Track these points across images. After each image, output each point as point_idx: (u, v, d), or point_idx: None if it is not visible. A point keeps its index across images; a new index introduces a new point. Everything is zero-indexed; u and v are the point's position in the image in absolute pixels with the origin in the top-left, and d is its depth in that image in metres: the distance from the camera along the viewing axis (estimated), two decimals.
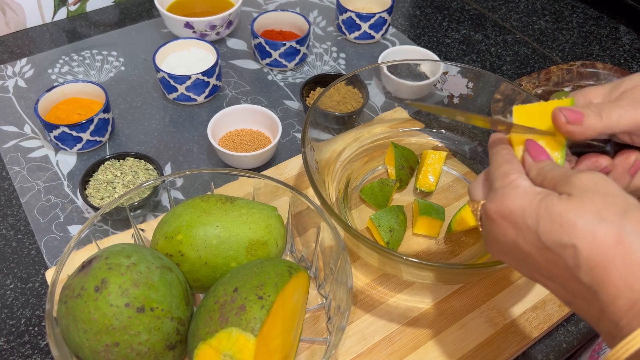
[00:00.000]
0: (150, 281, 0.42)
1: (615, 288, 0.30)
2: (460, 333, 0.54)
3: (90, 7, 0.92)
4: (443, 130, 0.70)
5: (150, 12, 0.93)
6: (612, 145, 0.41)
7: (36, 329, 0.56)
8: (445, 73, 0.66)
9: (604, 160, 0.40)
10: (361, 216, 0.63)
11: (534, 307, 0.56)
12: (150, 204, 0.63)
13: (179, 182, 0.67)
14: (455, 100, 0.67)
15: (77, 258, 0.48)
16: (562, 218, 0.32)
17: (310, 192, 0.64)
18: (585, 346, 0.67)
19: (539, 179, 0.37)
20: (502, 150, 0.40)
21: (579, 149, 0.42)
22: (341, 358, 0.52)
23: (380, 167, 0.68)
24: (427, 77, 0.69)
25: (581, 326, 0.57)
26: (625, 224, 0.31)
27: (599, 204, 0.32)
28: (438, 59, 0.80)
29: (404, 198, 0.65)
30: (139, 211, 0.62)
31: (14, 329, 0.55)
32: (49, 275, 0.57)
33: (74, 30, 0.89)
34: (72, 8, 0.90)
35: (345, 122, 0.68)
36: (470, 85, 0.65)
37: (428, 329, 0.54)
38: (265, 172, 0.67)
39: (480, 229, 0.40)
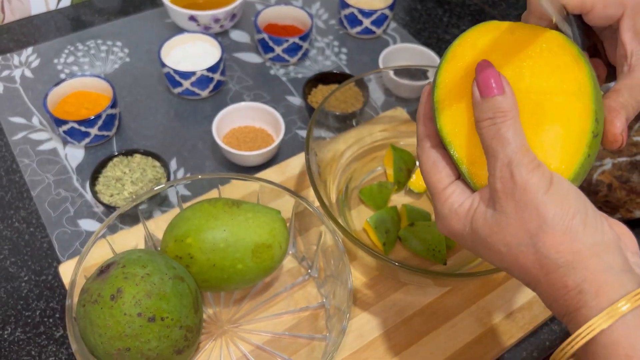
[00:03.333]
0: (162, 292, 0.46)
1: (548, 302, 0.34)
2: (452, 331, 0.58)
3: None
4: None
5: (154, 0, 0.93)
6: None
7: (51, 320, 0.59)
8: None
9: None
10: (360, 216, 0.66)
11: (521, 308, 0.60)
12: (157, 200, 0.66)
13: (186, 180, 0.70)
14: None
15: (90, 252, 0.51)
16: (489, 245, 0.35)
17: (312, 191, 0.67)
18: None
19: (479, 136, 0.35)
20: (423, 142, 0.39)
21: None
22: (340, 353, 0.56)
23: (379, 168, 0.70)
24: (426, 77, 0.71)
25: (564, 325, 0.61)
26: (540, 247, 0.33)
27: (514, 228, 0.33)
28: (439, 60, 0.81)
29: (400, 199, 0.68)
30: (145, 206, 0.65)
31: (29, 320, 0.58)
32: (62, 269, 0.60)
33: (78, 18, 0.90)
34: None
35: (346, 122, 0.70)
36: None
37: (422, 327, 0.58)
38: (268, 171, 0.70)
39: None
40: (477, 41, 0.40)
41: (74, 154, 0.72)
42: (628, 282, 0.31)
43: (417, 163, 0.39)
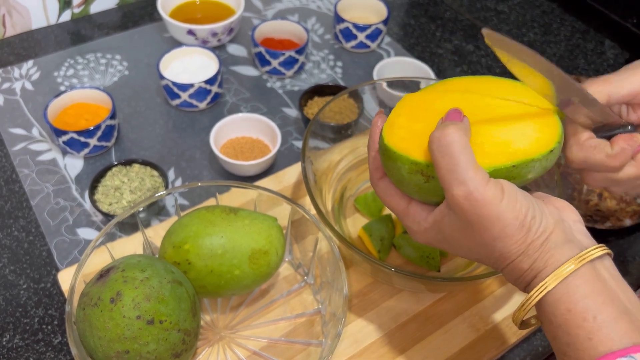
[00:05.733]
0: (161, 295, 0.46)
1: (512, 280, 0.41)
2: (445, 337, 0.59)
3: (93, 9, 0.94)
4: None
5: (152, 15, 0.95)
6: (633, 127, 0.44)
7: (49, 327, 0.59)
8: None
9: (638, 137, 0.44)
10: (355, 224, 0.67)
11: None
12: (155, 208, 0.67)
13: (184, 188, 0.71)
14: None
15: (89, 259, 0.52)
16: (461, 245, 0.41)
17: (308, 200, 0.68)
18: None
19: (429, 148, 0.40)
20: (375, 175, 0.47)
21: (606, 133, 0.44)
22: (336, 359, 0.56)
23: None
24: (419, 89, 0.73)
25: None
26: (501, 247, 0.39)
27: (479, 233, 0.39)
28: (432, 73, 0.83)
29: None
30: (144, 215, 0.66)
31: (28, 327, 0.59)
32: (61, 276, 0.61)
33: (78, 32, 0.91)
34: (77, 10, 0.92)
35: (341, 132, 0.72)
36: None
37: (416, 333, 0.59)
38: (265, 180, 0.71)
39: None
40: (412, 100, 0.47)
41: (73, 164, 0.73)
42: (569, 250, 0.38)
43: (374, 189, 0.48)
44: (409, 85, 0.73)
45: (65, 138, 0.70)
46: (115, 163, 0.69)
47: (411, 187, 0.43)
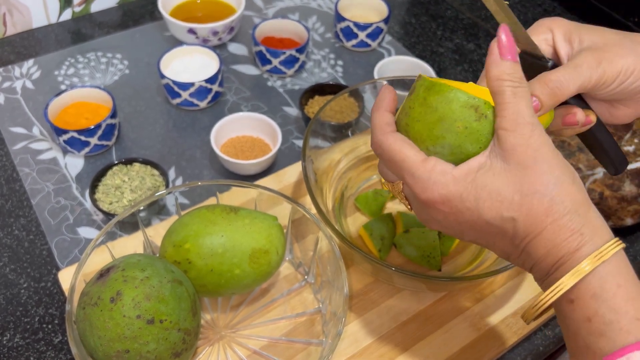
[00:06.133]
0: (161, 295, 0.46)
1: (545, 249, 0.37)
2: (446, 336, 0.59)
3: (94, 8, 0.94)
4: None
5: (153, 14, 0.95)
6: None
7: (49, 326, 0.59)
8: None
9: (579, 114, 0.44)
10: (355, 223, 0.67)
11: (514, 313, 0.60)
12: (155, 208, 0.67)
13: (185, 187, 0.71)
14: None
15: (90, 259, 0.52)
16: (500, 195, 0.37)
17: (308, 199, 0.68)
18: (561, 350, 0.72)
19: (495, 86, 0.38)
20: (387, 128, 0.41)
21: (527, 63, 0.43)
22: (336, 358, 0.56)
23: (374, 176, 0.71)
24: None
25: (557, 331, 0.61)
26: (555, 194, 0.36)
27: (532, 177, 0.36)
28: (433, 72, 0.83)
29: (395, 207, 0.69)
30: (144, 214, 0.66)
31: (28, 326, 0.59)
32: (61, 275, 0.61)
33: (79, 31, 0.91)
34: (77, 9, 0.92)
35: (342, 131, 0.72)
36: None
37: (416, 332, 0.59)
38: (265, 179, 0.71)
39: (409, 207, 0.43)
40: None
41: (74, 163, 0.73)
42: (607, 234, 0.37)
43: (377, 148, 0.42)
44: (410, 84, 0.72)
45: (65, 137, 0.70)
46: (116, 162, 0.69)
47: (451, 128, 0.39)
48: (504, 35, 0.38)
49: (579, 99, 0.45)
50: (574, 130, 0.45)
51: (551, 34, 0.44)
